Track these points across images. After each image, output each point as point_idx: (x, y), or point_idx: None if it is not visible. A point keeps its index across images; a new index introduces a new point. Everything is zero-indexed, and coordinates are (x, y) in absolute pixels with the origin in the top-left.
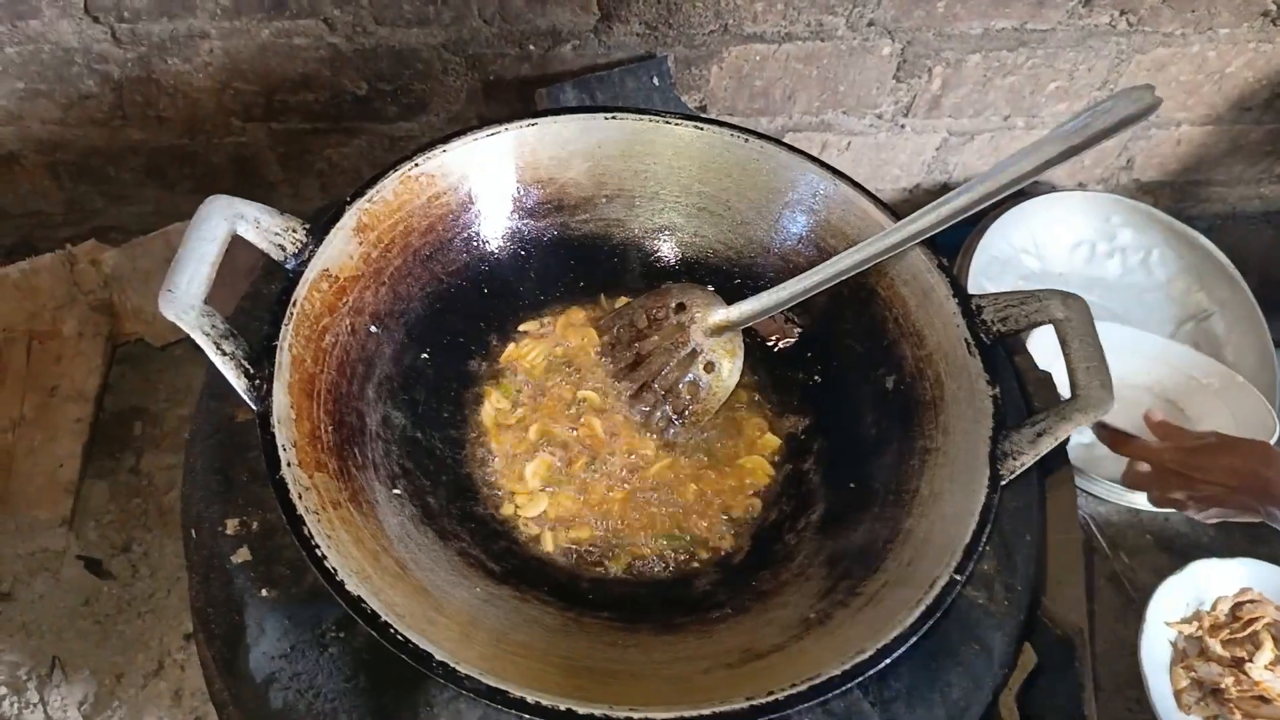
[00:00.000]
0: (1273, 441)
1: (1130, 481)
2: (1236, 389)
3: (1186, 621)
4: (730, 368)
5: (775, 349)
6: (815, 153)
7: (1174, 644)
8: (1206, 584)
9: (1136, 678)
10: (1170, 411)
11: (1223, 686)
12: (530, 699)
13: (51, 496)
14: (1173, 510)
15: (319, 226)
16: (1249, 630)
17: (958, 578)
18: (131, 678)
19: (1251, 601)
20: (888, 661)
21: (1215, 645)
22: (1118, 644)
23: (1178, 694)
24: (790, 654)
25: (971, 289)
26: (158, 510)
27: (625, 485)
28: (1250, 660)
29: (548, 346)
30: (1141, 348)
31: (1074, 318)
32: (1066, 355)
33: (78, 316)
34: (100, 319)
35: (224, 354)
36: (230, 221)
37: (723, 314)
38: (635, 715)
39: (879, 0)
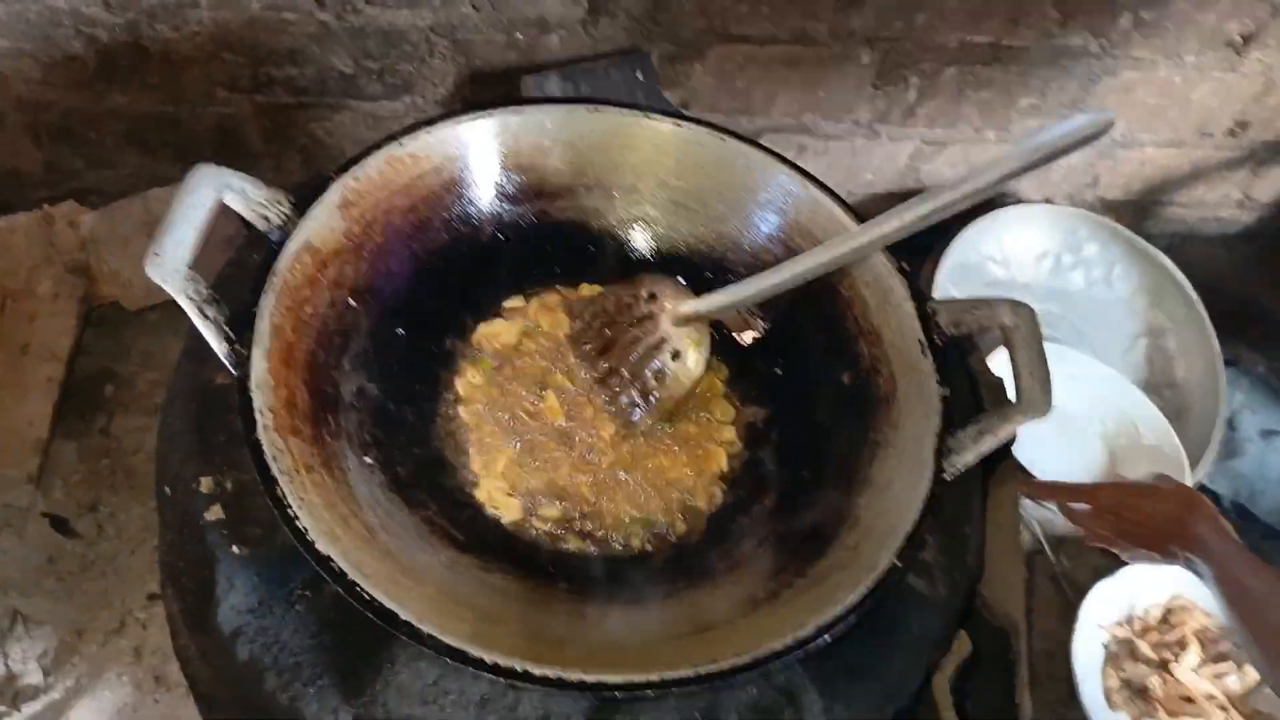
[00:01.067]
0: None
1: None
2: (1166, 449)
3: (1118, 624)
4: (696, 357)
5: (739, 342)
6: (792, 155)
7: (1105, 645)
8: (1139, 588)
9: (1070, 675)
10: (1102, 452)
11: (1150, 687)
12: (488, 659)
13: (20, 454)
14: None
15: (303, 200)
16: (1177, 634)
17: (899, 563)
18: (93, 634)
19: (1181, 607)
20: (827, 638)
21: (1145, 647)
22: (1054, 642)
23: (1107, 693)
24: (737, 628)
25: (938, 294)
26: (125, 472)
27: (589, 467)
28: (1177, 662)
29: (521, 329)
30: (1097, 380)
31: (1021, 325)
32: (1012, 360)
33: (53, 277)
34: (75, 280)
35: (207, 319)
36: (218, 190)
37: (691, 305)
38: (587, 679)
39: (861, 9)
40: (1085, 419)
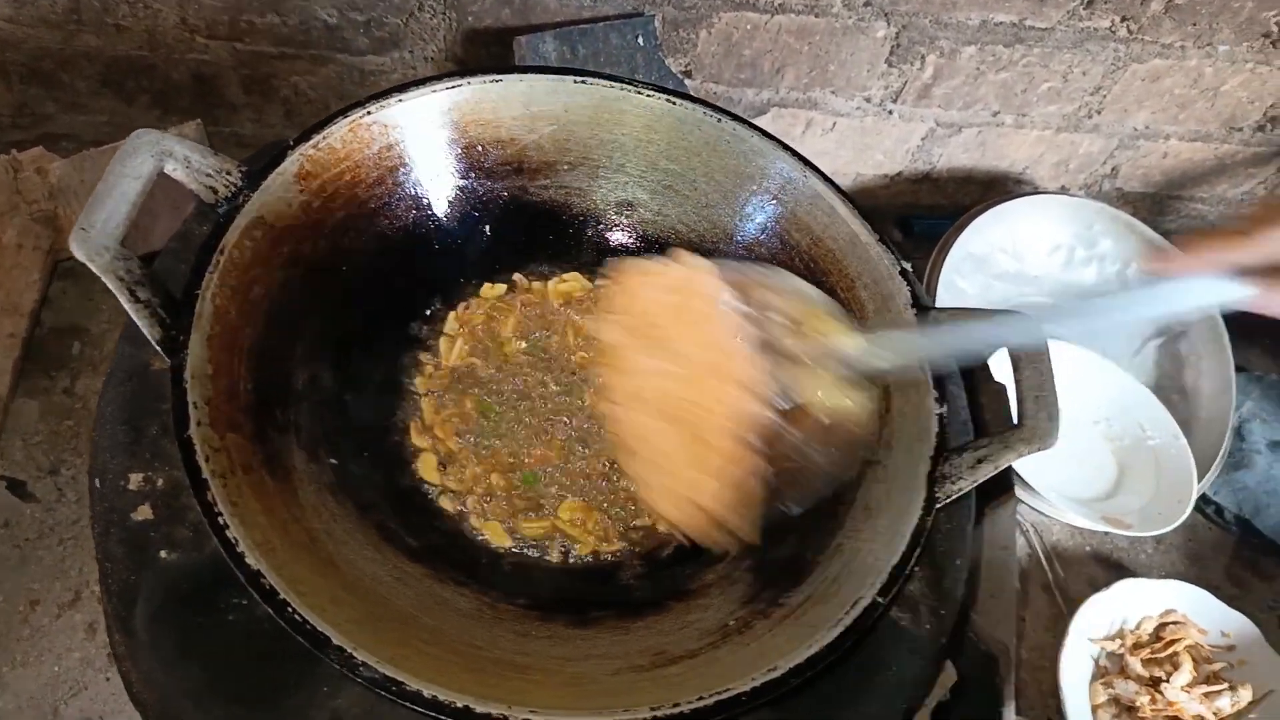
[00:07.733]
0: (1185, 514)
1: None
2: (1175, 450)
3: (1109, 639)
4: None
5: None
6: (799, 131)
7: (1095, 660)
8: (1132, 603)
9: (1057, 690)
10: (1100, 452)
11: (1138, 705)
12: (426, 693)
13: None
14: (1112, 529)
15: (256, 171)
16: (1169, 651)
17: (881, 600)
18: (46, 606)
19: (1175, 623)
20: (799, 682)
21: (1135, 664)
22: (1044, 655)
23: (1094, 709)
24: (702, 662)
25: (942, 286)
26: (89, 435)
27: (558, 466)
28: (1167, 680)
29: (491, 315)
30: (1103, 379)
31: (1029, 343)
32: (1017, 381)
33: (18, 226)
34: (42, 231)
35: (138, 301)
36: (158, 158)
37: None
38: (535, 718)
39: None
40: (1089, 420)
